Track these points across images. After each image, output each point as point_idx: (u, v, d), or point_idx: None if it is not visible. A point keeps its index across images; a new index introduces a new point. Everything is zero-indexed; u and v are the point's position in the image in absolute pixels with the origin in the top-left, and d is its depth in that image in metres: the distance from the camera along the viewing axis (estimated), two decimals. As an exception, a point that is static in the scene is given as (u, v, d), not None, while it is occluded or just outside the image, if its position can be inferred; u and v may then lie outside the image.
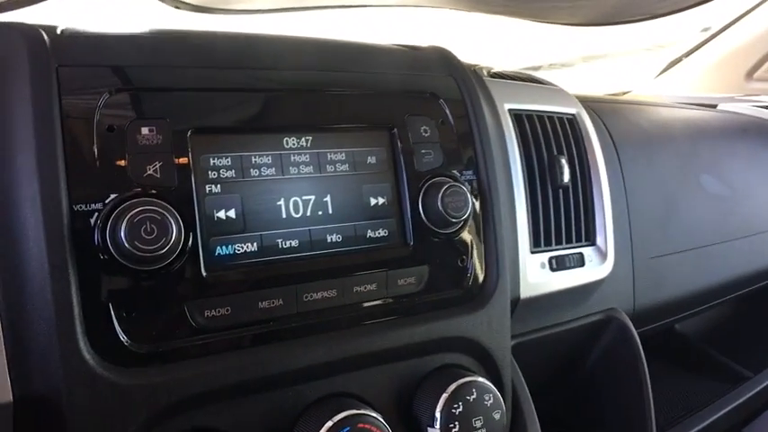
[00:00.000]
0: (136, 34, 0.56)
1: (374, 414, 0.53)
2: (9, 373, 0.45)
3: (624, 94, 1.80)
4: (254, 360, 0.52)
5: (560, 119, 0.83)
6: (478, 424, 0.58)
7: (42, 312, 0.45)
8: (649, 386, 0.86)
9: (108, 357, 0.47)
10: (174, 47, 0.56)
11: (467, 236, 0.64)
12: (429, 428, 0.58)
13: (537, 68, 1.83)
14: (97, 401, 0.46)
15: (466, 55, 0.73)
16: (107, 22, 0.56)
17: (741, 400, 1.19)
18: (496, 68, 0.89)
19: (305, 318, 0.55)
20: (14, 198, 0.46)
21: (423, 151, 0.62)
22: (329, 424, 0.51)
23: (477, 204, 0.65)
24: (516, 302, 0.72)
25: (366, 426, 0.52)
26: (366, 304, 0.58)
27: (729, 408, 1.17)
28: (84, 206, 0.47)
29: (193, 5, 0.94)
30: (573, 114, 0.85)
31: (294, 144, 0.56)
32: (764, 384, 1.25)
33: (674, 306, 1.06)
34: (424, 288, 0.61)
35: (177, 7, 0.93)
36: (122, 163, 0.48)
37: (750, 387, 1.23)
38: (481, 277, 0.65)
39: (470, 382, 0.59)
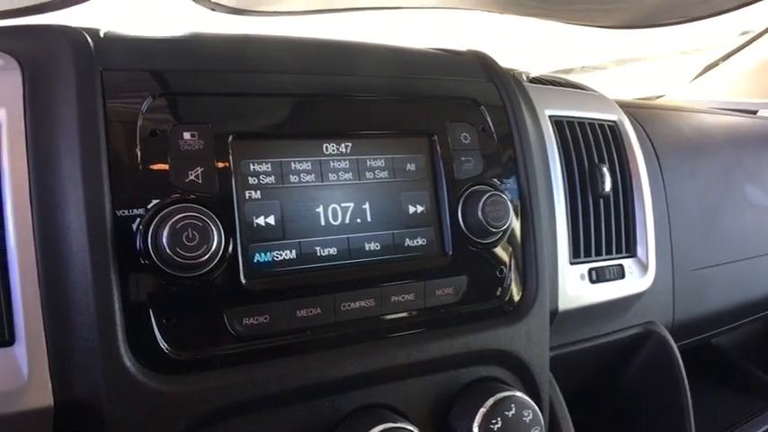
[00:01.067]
0: (178, 38, 0.56)
1: (411, 427, 0.52)
2: (51, 378, 0.45)
3: (658, 98, 1.75)
4: (292, 369, 0.51)
5: (601, 126, 0.81)
6: (516, 440, 0.57)
7: (84, 318, 0.45)
8: (690, 403, 0.84)
9: (148, 364, 0.46)
10: (216, 51, 0.56)
11: (506, 246, 0.62)
12: (466, 443, 0.56)
13: (569, 71, 1.80)
14: (137, 408, 0.46)
15: (497, 57, 0.71)
16: (144, 25, 0.56)
17: (781, 418, 1.15)
18: (534, 73, 0.87)
19: (342, 327, 0.54)
20: (58, 202, 0.46)
21: (463, 158, 0.61)
22: (366, 437, 0.50)
23: (518, 214, 0.63)
24: (554, 315, 0.71)
25: (403, 439, 0.51)
26: (403, 315, 0.57)
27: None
28: (126, 211, 0.46)
29: (229, 7, 0.94)
30: (614, 121, 0.83)
31: (334, 150, 0.55)
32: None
33: (715, 320, 1.03)
34: (462, 299, 0.60)
35: (213, 9, 0.93)
36: (165, 168, 0.48)
37: (790, 404, 1.19)
38: (520, 289, 0.63)
39: (509, 396, 0.57)
